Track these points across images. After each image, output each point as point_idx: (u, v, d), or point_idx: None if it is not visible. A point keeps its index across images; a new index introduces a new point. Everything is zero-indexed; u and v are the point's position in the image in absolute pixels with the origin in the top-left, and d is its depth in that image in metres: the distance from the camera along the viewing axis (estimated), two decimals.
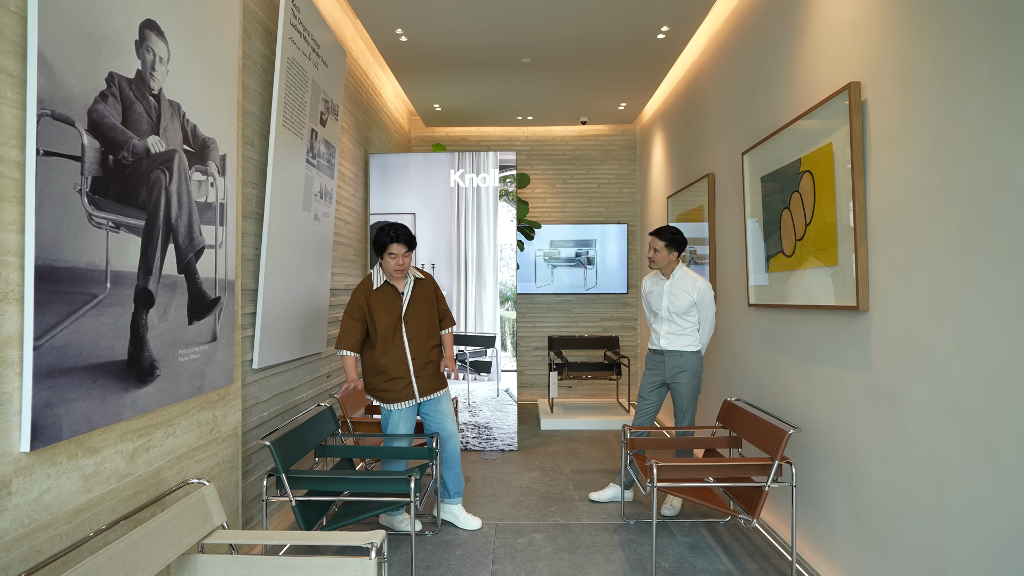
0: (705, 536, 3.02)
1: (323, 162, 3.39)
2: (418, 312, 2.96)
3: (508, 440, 4.57)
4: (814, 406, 2.61)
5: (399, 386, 2.90)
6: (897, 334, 2.04)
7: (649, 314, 3.46)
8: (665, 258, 3.27)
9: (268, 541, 1.81)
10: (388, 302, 2.90)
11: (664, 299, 3.31)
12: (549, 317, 6.46)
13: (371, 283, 2.90)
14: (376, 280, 2.89)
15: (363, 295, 2.87)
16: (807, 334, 2.68)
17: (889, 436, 2.09)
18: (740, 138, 3.48)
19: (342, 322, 2.88)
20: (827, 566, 2.50)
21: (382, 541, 1.75)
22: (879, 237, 2.14)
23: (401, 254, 2.83)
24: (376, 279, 2.90)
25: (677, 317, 3.28)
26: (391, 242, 2.80)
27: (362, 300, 2.87)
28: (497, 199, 4.56)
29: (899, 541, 2.03)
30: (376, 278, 2.90)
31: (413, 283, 2.97)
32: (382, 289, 2.90)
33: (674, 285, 3.29)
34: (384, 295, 2.90)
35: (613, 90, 5.30)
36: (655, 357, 3.38)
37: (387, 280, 2.91)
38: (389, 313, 2.88)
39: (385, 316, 2.87)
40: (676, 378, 3.28)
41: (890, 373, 2.08)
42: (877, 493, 2.15)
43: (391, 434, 2.93)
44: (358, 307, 2.86)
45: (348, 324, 2.86)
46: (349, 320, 2.86)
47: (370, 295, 2.88)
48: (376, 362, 2.90)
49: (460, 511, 3.09)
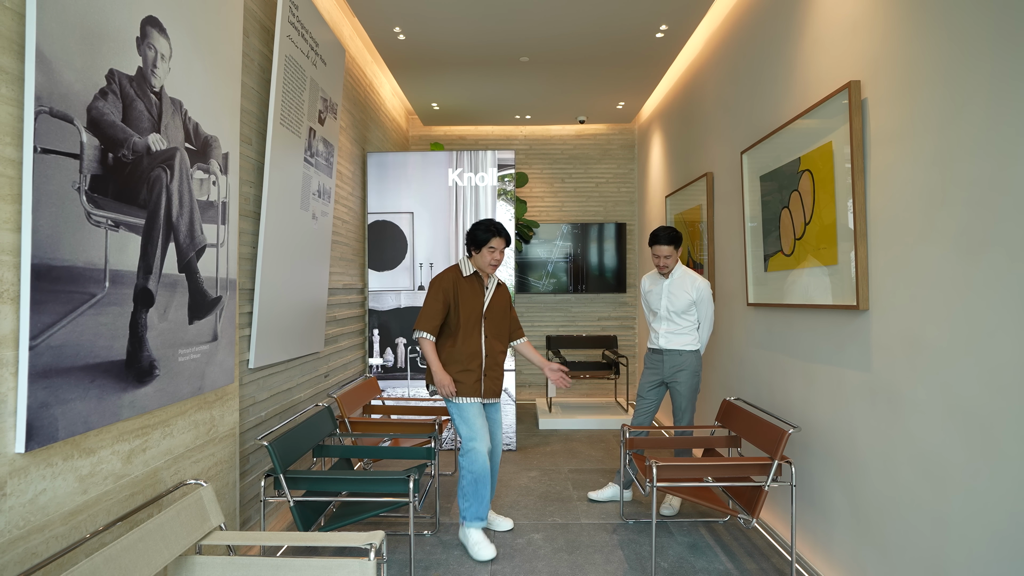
0: (704, 536, 3.02)
1: (321, 161, 3.37)
2: (497, 310, 2.96)
3: (506, 439, 4.57)
4: (813, 405, 2.61)
5: (471, 379, 2.86)
6: (897, 333, 2.04)
7: (648, 313, 3.45)
8: (676, 259, 3.29)
9: (266, 542, 1.80)
10: (473, 293, 2.88)
11: (663, 298, 3.30)
12: (547, 316, 6.45)
13: (459, 271, 2.89)
14: (465, 270, 2.89)
15: (451, 280, 2.84)
16: (806, 333, 2.68)
17: (889, 435, 2.09)
18: (739, 137, 3.48)
19: (425, 303, 2.82)
20: (826, 565, 2.50)
21: (381, 542, 1.74)
22: (879, 236, 2.14)
23: (500, 248, 2.86)
24: (465, 268, 2.89)
25: (676, 316, 3.27)
26: (494, 236, 2.83)
27: (449, 284, 2.83)
28: (495, 198, 4.55)
29: (899, 540, 2.03)
30: (464, 267, 2.89)
31: (496, 283, 2.99)
32: (469, 279, 2.90)
33: (673, 284, 3.29)
34: (471, 285, 2.89)
35: (611, 89, 5.29)
36: (654, 356, 3.38)
37: (476, 272, 2.91)
38: (473, 304, 2.87)
39: (468, 305, 2.86)
40: (675, 377, 3.28)
41: (890, 372, 2.08)
42: (877, 492, 2.15)
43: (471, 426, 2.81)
44: (444, 291, 2.82)
45: (432, 306, 2.80)
46: (433, 302, 2.80)
47: (458, 282, 2.86)
48: (454, 350, 2.85)
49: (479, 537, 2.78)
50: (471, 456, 2.78)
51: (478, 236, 2.83)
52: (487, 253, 2.84)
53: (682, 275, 3.29)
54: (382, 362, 4.56)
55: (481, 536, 2.76)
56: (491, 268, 2.87)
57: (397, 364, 4.56)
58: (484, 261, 2.86)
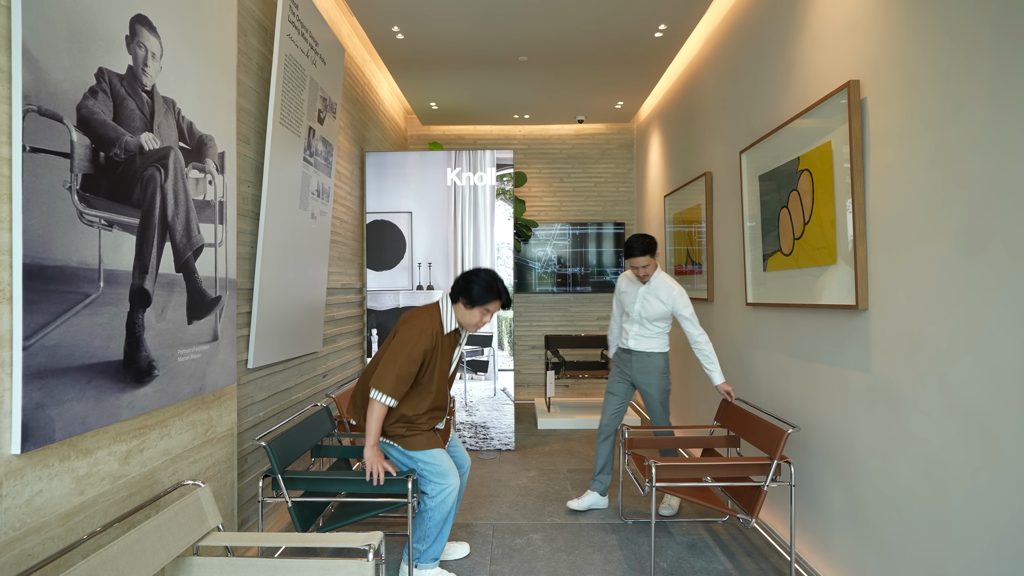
0: (703, 536, 3.01)
1: (320, 160, 3.36)
2: (457, 361, 2.68)
3: (505, 440, 4.56)
4: (813, 405, 2.60)
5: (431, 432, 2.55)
6: (897, 333, 2.03)
7: (619, 312, 3.44)
8: (653, 267, 3.19)
9: (264, 543, 1.79)
10: (448, 349, 2.55)
11: (638, 303, 3.25)
12: (546, 316, 6.44)
13: (441, 324, 2.50)
14: (447, 324, 2.51)
15: (433, 338, 2.44)
16: (806, 333, 2.67)
17: (889, 435, 2.08)
18: (738, 137, 3.47)
19: (398, 360, 2.35)
20: (826, 565, 2.49)
21: (380, 542, 1.73)
22: (879, 236, 2.13)
23: (494, 311, 2.54)
24: (447, 323, 2.50)
25: (648, 323, 3.24)
26: (495, 299, 2.48)
27: (431, 344, 2.43)
28: (494, 198, 4.54)
29: (899, 540, 2.02)
30: (447, 321, 2.51)
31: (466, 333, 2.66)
32: (449, 335, 2.54)
33: (649, 291, 3.22)
34: (449, 341, 2.54)
35: (610, 88, 5.28)
36: (623, 355, 3.37)
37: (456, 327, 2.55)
38: (445, 362, 2.54)
39: (443, 363, 2.53)
40: (642, 378, 3.26)
41: (890, 372, 2.07)
42: (876, 492, 2.15)
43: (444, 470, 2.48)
44: (425, 352, 2.41)
45: (408, 368, 2.36)
46: (409, 363, 2.37)
47: (439, 339, 2.48)
48: (418, 405, 2.49)
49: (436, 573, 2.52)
50: (443, 496, 2.43)
51: (477, 294, 2.45)
52: (479, 313, 2.49)
53: (659, 283, 3.21)
54: None
55: (439, 571, 2.51)
56: (475, 328, 2.54)
57: None
58: (472, 320, 2.50)
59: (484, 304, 2.47)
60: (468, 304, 2.47)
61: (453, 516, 2.51)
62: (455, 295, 2.51)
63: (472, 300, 2.46)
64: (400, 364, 2.35)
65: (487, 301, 2.46)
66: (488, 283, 2.47)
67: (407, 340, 2.39)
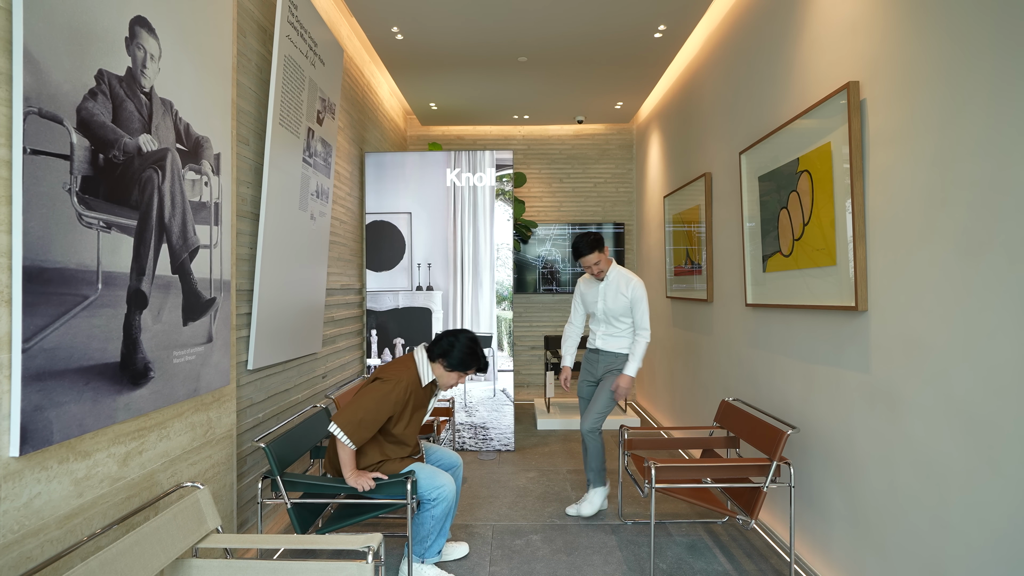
0: (703, 536, 3.01)
1: (320, 161, 3.36)
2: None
3: (505, 440, 4.56)
4: (812, 406, 2.60)
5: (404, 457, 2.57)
6: (897, 335, 2.03)
7: (578, 315, 3.43)
8: (605, 263, 3.19)
9: (264, 545, 1.79)
10: (423, 399, 2.58)
11: (600, 300, 3.24)
12: (545, 316, 6.44)
13: (418, 378, 2.51)
14: (424, 377, 2.53)
15: (407, 391, 2.45)
16: (805, 334, 2.67)
17: (888, 437, 2.08)
18: (737, 137, 3.47)
19: (365, 406, 2.34)
20: (825, 566, 2.49)
21: (379, 544, 1.73)
22: (878, 237, 2.13)
23: (469, 375, 2.62)
24: (424, 375, 2.53)
25: (614, 320, 3.21)
26: (474, 366, 2.55)
27: (403, 396, 2.43)
28: (494, 198, 4.54)
29: (898, 541, 2.02)
30: (424, 374, 2.53)
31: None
32: (425, 388, 2.57)
33: (608, 286, 3.21)
34: (424, 393, 2.57)
35: (609, 89, 5.28)
36: (591, 355, 3.37)
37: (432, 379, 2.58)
38: (418, 413, 2.57)
39: (415, 415, 2.55)
40: (607, 376, 3.25)
41: (889, 374, 2.07)
42: (876, 494, 2.15)
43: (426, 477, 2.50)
44: (394, 404, 2.41)
45: (374, 416, 2.35)
46: (377, 413, 2.36)
47: (414, 392, 2.49)
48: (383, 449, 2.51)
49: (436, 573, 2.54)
50: (439, 497, 2.45)
51: (458, 360, 2.50)
52: (456, 376, 2.55)
53: (616, 276, 3.22)
54: (380, 363, 4.55)
55: (440, 572, 2.54)
56: (448, 388, 2.61)
57: None
58: (448, 382, 2.56)
59: (461, 369, 2.53)
60: (448, 367, 2.52)
61: (452, 514, 2.52)
62: (434, 355, 2.53)
63: (452, 365, 2.52)
64: (367, 409, 2.34)
65: (467, 368, 2.54)
66: (469, 350, 2.52)
67: (381, 389, 2.39)
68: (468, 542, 2.92)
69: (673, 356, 4.87)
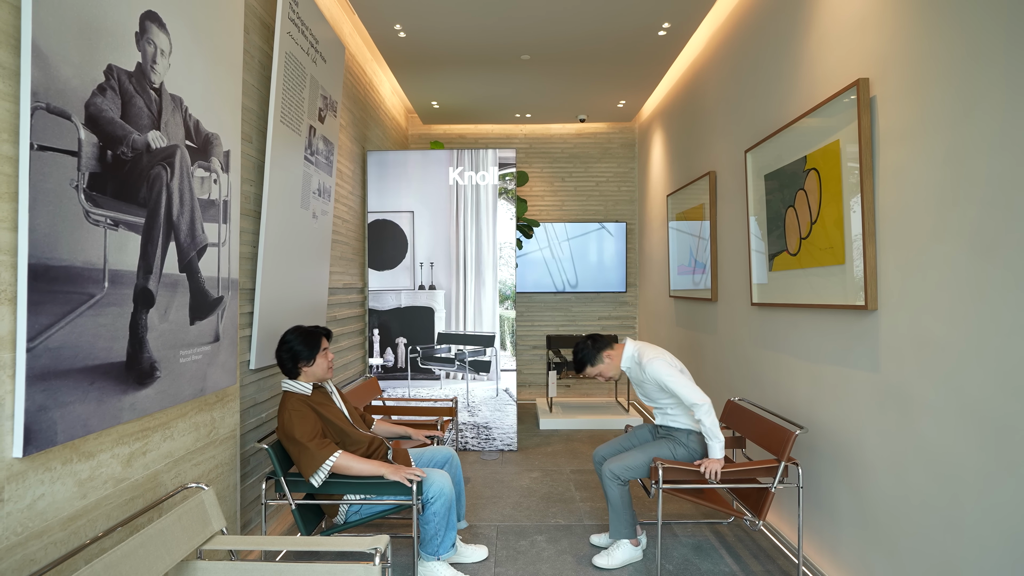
0: (709, 537, 2.99)
1: (321, 159, 3.34)
2: (355, 415, 2.67)
3: (507, 440, 4.54)
4: (820, 406, 2.59)
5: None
6: (907, 334, 2.02)
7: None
8: (612, 367, 2.80)
9: (270, 547, 1.77)
10: (326, 404, 2.51)
11: (637, 389, 2.89)
12: (547, 316, 6.42)
13: (300, 395, 2.43)
14: (304, 390, 2.45)
15: (303, 403, 2.38)
16: (812, 333, 2.66)
17: (899, 438, 2.06)
18: (743, 136, 3.45)
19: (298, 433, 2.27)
20: (833, 568, 2.47)
21: (386, 546, 1.71)
22: (888, 235, 2.11)
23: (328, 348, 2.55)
24: (303, 389, 2.45)
25: (657, 400, 2.80)
26: (320, 338, 2.49)
27: (301, 406, 2.37)
28: (496, 197, 4.52)
29: (910, 543, 2.01)
30: (301, 389, 2.45)
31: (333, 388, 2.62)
32: (314, 395, 2.48)
33: (631, 373, 2.84)
34: (319, 399, 2.50)
35: (612, 87, 5.27)
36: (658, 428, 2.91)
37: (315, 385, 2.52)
38: (334, 414, 2.50)
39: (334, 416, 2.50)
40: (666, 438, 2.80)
41: (900, 374, 2.06)
42: (887, 495, 2.13)
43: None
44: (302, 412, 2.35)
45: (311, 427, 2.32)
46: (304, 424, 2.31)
47: (310, 400, 2.43)
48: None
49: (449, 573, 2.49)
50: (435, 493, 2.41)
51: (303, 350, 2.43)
52: (321, 360, 2.48)
53: (630, 367, 2.80)
54: (382, 362, 4.53)
55: (453, 571, 2.49)
56: (330, 372, 2.54)
57: (397, 364, 4.53)
58: (321, 369, 2.48)
59: (317, 350, 2.46)
60: (308, 362, 2.45)
61: (455, 508, 2.51)
62: (289, 369, 2.46)
63: (306, 357, 2.44)
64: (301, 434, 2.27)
65: (316, 346, 2.46)
66: (301, 335, 2.46)
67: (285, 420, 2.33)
68: (472, 543, 2.90)
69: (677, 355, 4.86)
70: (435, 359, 4.53)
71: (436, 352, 4.52)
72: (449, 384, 4.52)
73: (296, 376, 2.48)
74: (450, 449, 2.84)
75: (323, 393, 2.57)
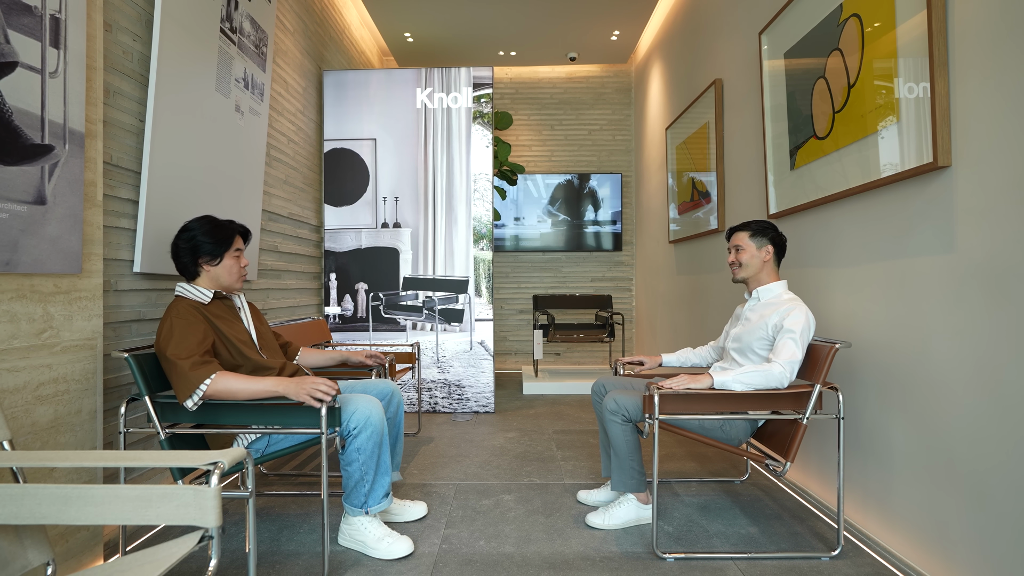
0: (718, 496, 2.40)
1: (248, 43, 2.76)
2: (267, 337, 2.10)
3: (483, 401, 3.94)
4: (862, 321, 2.01)
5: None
6: (998, 190, 1.43)
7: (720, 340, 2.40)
8: (755, 259, 2.09)
9: (68, 463, 1.19)
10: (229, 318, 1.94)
11: (735, 325, 2.22)
12: (535, 277, 5.83)
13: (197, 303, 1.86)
14: (203, 297, 1.88)
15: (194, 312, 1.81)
16: (850, 230, 2.07)
17: (988, 337, 1.47)
18: (754, 20, 2.87)
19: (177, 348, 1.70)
20: (884, 528, 1.89)
21: (233, 461, 1.12)
22: (968, 57, 1.52)
23: (244, 251, 2.00)
24: (201, 296, 1.88)
25: (738, 355, 2.12)
26: (234, 235, 1.94)
27: (191, 314, 1.80)
28: (470, 122, 3.93)
29: (1005, 486, 1.41)
30: (199, 295, 1.87)
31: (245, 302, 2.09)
32: (216, 304, 1.92)
33: (757, 306, 2.11)
34: (222, 310, 1.93)
35: (604, 15, 4.68)
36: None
37: (217, 294, 1.94)
38: (237, 330, 1.94)
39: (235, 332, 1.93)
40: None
41: (987, 246, 1.47)
42: (968, 424, 1.54)
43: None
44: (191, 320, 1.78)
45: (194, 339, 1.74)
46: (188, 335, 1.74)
47: (207, 311, 1.86)
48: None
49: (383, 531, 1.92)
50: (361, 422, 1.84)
51: (208, 245, 1.87)
52: (231, 261, 1.92)
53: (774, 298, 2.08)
54: (340, 311, 3.94)
55: (386, 530, 1.92)
56: (240, 280, 1.97)
57: (357, 313, 3.94)
58: (231, 275, 1.93)
59: (226, 248, 1.90)
60: (212, 260, 1.89)
61: (387, 447, 1.91)
62: (186, 266, 1.89)
63: (209, 252, 1.88)
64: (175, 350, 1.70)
65: (225, 243, 1.90)
66: (209, 224, 1.90)
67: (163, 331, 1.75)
68: (425, 502, 2.30)
69: (676, 307, 4.27)
70: (400, 307, 3.94)
71: (401, 299, 3.94)
72: (417, 336, 3.94)
73: (195, 278, 1.90)
74: (393, 384, 2.26)
75: (226, 306, 1.97)
